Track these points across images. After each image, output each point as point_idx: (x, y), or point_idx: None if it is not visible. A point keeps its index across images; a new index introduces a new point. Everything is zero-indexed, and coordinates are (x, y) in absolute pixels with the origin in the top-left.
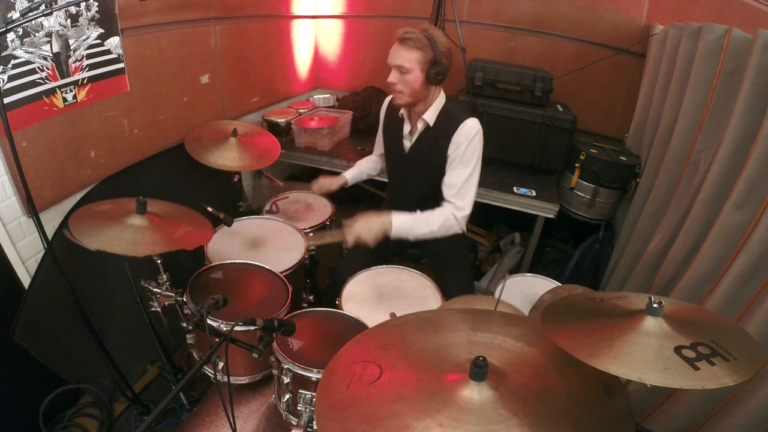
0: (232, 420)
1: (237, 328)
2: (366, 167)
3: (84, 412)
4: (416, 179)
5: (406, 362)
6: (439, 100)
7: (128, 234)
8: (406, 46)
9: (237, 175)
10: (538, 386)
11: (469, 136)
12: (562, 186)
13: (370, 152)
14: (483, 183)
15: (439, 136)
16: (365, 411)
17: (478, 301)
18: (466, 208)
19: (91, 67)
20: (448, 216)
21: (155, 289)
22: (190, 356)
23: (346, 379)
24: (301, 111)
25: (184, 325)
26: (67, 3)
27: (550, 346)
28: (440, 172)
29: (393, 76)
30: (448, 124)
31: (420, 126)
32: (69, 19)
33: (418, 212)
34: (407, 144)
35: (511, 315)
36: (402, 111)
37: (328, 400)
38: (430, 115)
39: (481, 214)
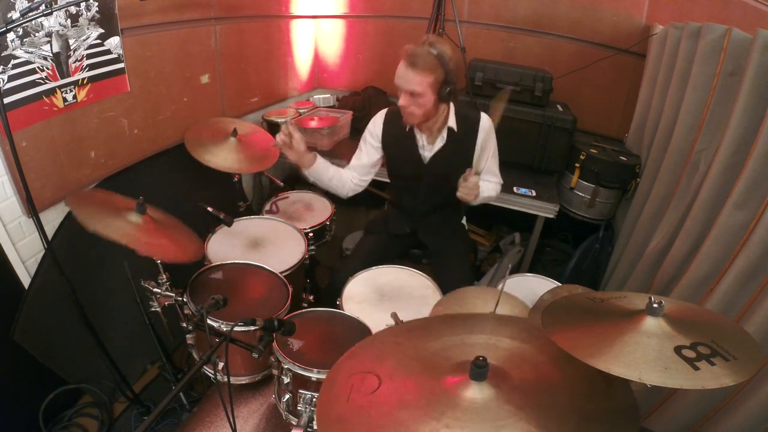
0: (232, 420)
1: (237, 328)
2: (336, 177)
3: (84, 412)
4: (438, 186)
5: (403, 370)
6: (452, 105)
7: (128, 228)
8: (416, 69)
9: (237, 175)
10: (538, 381)
11: (489, 126)
12: (562, 186)
13: None
14: None
15: (464, 137)
16: (368, 421)
17: (478, 293)
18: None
19: (91, 67)
20: (498, 189)
21: (155, 289)
22: (190, 356)
23: (345, 392)
24: (301, 111)
25: (184, 325)
26: (67, 3)
27: (546, 343)
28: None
29: (404, 99)
30: (467, 123)
31: (445, 133)
32: (69, 19)
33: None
34: (426, 154)
35: (504, 316)
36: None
37: (330, 413)
38: (453, 121)
39: (481, 214)
